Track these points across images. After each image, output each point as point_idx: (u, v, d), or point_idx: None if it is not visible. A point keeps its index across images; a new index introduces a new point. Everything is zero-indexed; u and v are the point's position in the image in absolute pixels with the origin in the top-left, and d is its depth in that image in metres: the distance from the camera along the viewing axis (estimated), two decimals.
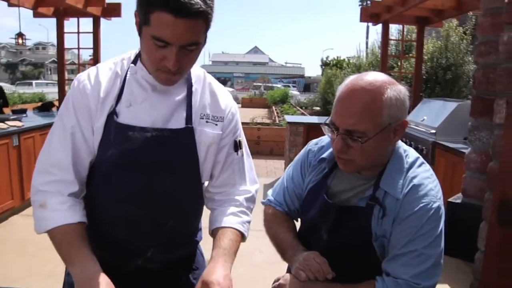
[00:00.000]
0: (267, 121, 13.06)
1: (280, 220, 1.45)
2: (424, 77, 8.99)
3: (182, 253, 1.41)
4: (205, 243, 1.49)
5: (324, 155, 1.38)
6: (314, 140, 1.49)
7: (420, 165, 1.27)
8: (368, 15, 6.49)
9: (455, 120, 4.29)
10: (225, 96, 1.36)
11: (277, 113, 15.56)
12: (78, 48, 6.93)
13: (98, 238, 1.26)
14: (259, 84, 37.58)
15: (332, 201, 1.31)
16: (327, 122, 1.24)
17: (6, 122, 4.81)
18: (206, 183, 1.40)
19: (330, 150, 1.34)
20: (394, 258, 1.19)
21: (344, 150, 1.20)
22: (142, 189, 1.24)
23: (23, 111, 5.99)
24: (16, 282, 3.17)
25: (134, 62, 1.27)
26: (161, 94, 1.24)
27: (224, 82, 55.87)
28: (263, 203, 1.55)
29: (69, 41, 7.33)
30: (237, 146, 1.36)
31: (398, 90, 1.19)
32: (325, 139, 1.43)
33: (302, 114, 14.55)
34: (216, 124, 1.31)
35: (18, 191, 4.67)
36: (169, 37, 1.07)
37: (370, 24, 7.10)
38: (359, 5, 42.46)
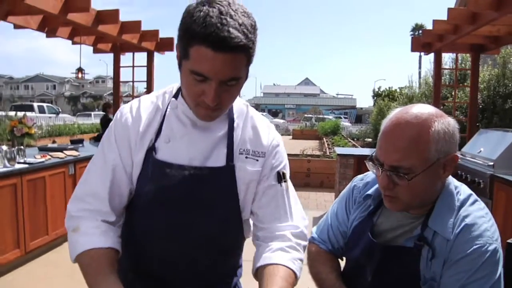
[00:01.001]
0: (318, 153, 12.92)
1: (323, 259, 1.39)
2: (480, 106, 8.64)
3: None
4: (245, 276, 1.44)
5: (370, 192, 1.32)
6: (360, 176, 1.43)
7: (473, 203, 1.17)
8: (420, 45, 6.36)
9: None
10: (267, 130, 1.29)
11: (328, 144, 15.39)
12: (133, 81, 7.25)
13: (134, 272, 1.26)
14: (310, 115, 37.50)
15: (377, 240, 1.24)
16: (372, 157, 1.18)
17: (64, 151, 5.05)
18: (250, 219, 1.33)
19: (376, 186, 1.28)
20: None
21: (390, 187, 1.14)
22: (179, 226, 1.20)
23: (80, 141, 6.28)
24: None
25: (176, 96, 1.24)
26: (201, 131, 1.20)
27: (275, 113, 56.36)
28: None
29: (126, 75, 7.69)
30: (280, 177, 1.26)
31: (447, 122, 1.12)
32: (370, 175, 1.37)
33: (354, 145, 14.31)
34: (257, 160, 1.24)
35: None
36: (207, 71, 1.03)
37: (422, 53, 6.94)
38: (411, 35, 41.91)
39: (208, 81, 1.05)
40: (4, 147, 4.14)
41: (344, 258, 1.42)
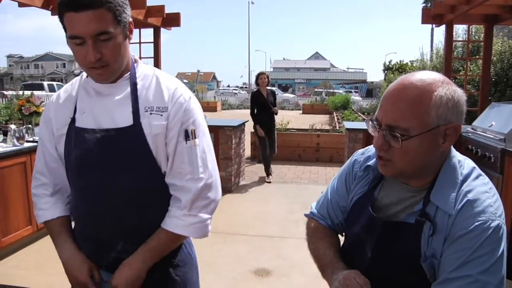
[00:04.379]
0: (328, 127, 12.84)
1: (322, 235, 1.37)
2: (493, 79, 8.47)
3: None
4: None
5: (370, 163, 1.30)
6: (361, 150, 1.40)
7: (476, 178, 1.13)
8: (430, 17, 6.19)
9: None
10: (171, 87, 1.37)
11: (337, 119, 15.28)
12: (140, 58, 7.13)
13: (78, 233, 1.46)
14: (321, 90, 37.16)
15: (378, 215, 1.21)
16: (372, 118, 1.16)
17: None
18: None
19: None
20: (444, 282, 1.06)
21: (384, 147, 1.12)
22: (102, 187, 1.33)
23: None
24: None
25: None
26: (104, 97, 1.34)
27: (285, 88, 56.02)
28: (306, 215, 1.48)
29: (133, 52, 7.64)
30: (187, 135, 1.35)
31: (452, 90, 1.08)
32: (371, 149, 1.34)
33: (364, 120, 14.17)
34: (161, 115, 1.33)
35: None
36: (78, 31, 1.18)
37: (433, 25, 6.74)
38: (423, 6, 40.93)
39: (85, 42, 1.20)
40: (13, 126, 4.17)
41: (344, 234, 1.40)
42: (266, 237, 4.49)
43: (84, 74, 1.39)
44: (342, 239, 1.41)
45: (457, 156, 1.18)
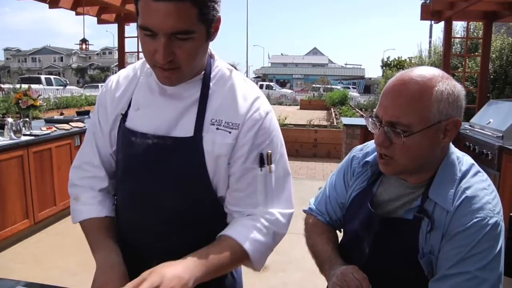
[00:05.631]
0: (325, 123, 12.86)
1: (320, 231, 1.37)
2: (491, 76, 8.48)
3: None
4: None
5: (368, 159, 1.29)
6: (359, 146, 1.40)
7: (475, 174, 1.13)
8: (429, 13, 6.18)
9: None
10: (250, 97, 1.14)
11: (335, 115, 15.30)
12: (138, 52, 7.17)
13: (121, 241, 1.24)
14: (318, 85, 37.18)
15: (376, 211, 1.21)
16: (372, 115, 1.15)
17: (70, 123, 5.06)
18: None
19: (375, 154, 1.25)
20: (442, 278, 1.06)
21: (385, 144, 1.11)
22: (146, 197, 1.16)
23: (86, 112, 6.27)
24: (74, 276, 3.30)
25: None
26: (169, 98, 1.13)
27: (283, 84, 56.00)
28: (304, 211, 1.48)
29: (131, 46, 7.60)
30: (263, 160, 1.12)
31: (452, 85, 1.08)
32: (370, 144, 1.34)
33: (361, 116, 14.20)
34: (230, 132, 1.10)
35: None
36: (152, 24, 0.97)
37: (432, 22, 6.75)
38: (422, 2, 40.85)
39: (158, 37, 0.99)
40: (10, 120, 4.15)
41: (342, 231, 1.40)
42: None
43: None
44: (340, 235, 1.41)
45: (455, 152, 1.18)
